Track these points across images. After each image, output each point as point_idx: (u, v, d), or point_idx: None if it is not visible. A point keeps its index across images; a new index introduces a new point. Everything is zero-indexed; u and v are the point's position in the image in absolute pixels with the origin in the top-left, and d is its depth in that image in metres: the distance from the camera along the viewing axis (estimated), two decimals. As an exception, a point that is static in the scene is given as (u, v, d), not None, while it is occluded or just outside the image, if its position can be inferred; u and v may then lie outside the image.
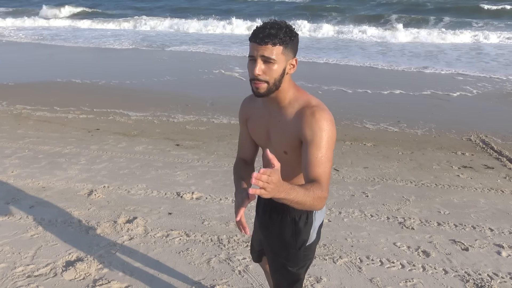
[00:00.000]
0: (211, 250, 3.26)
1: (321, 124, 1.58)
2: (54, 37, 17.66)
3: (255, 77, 1.57)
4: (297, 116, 1.64)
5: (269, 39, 1.52)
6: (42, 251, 3.20)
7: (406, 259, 3.15)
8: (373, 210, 3.93)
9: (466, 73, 10.38)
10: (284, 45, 1.55)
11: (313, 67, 11.31)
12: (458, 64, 11.61)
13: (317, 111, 1.61)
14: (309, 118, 1.59)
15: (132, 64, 12.28)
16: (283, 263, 1.92)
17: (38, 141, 5.81)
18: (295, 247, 1.86)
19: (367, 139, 6.02)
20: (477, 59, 12.35)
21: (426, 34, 16.32)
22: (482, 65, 11.47)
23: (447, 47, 14.59)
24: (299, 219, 1.82)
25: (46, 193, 4.23)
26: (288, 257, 1.90)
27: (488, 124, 6.76)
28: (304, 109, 1.63)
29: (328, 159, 1.59)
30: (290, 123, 1.66)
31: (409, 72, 10.72)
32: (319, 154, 1.57)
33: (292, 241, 1.85)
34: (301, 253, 1.88)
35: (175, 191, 4.31)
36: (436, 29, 17.81)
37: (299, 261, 1.91)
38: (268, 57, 1.54)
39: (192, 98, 8.17)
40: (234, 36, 17.61)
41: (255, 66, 1.55)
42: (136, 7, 29.82)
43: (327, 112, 1.63)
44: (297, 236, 1.84)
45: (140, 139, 5.98)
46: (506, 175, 4.81)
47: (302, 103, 1.66)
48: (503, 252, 3.25)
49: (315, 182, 1.53)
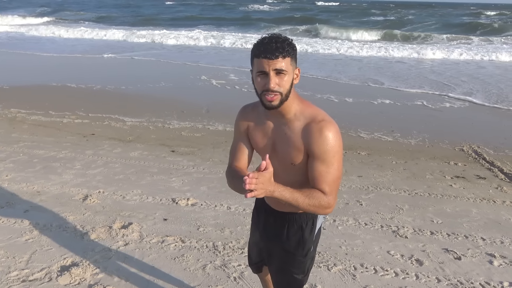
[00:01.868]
0: (207, 256, 3.27)
1: (329, 141, 1.63)
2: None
3: (270, 90, 1.59)
4: (305, 132, 1.66)
5: (279, 53, 1.56)
6: (37, 255, 3.19)
7: (399, 267, 3.18)
8: (367, 219, 3.96)
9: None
10: (291, 56, 1.61)
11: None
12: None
13: (324, 126, 1.64)
14: (317, 134, 1.63)
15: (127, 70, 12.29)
16: (290, 271, 1.95)
17: (33, 145, 5.79)
18: (302, 255, 1.91)
19: (362, 148, 6.08)
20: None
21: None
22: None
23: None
24: (306, 226, 1.87)
25: (41, 197, 4.22)
26: (294, 265, 1.93)
27: (480, 135, 6.85)
28: (311, 125, 1.66)
29: (337, 172, 1.67)
30: (298, 138, 1.68)
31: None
32: (329, 170, 1.64)
33: (299, 249, 1.90)
34: (307, 259, 1.94)
35: (171, 197, 4.31)
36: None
37: (305, 267, 1.96)
38: (280, 69, 1.58)
39: (187, 105, 8.20)
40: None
41: (269, 80, 1.58)
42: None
43: (333, 126, 1.66)
44: (304, 244, 1.89)
45: (135, 145, 5.98)
46: (498, 186, 4.88)
47: (309, 117, 1.68)
48: (494, 261, 3.30)
49: (320, 191, 1.64)
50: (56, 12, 37.67)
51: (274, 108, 1.65)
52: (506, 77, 11.99)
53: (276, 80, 1.59)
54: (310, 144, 1.65)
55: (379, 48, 17.14)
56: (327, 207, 1.64)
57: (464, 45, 19.23)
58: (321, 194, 1.63)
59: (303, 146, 1.68)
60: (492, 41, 20.58)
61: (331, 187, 1.65)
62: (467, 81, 11.15)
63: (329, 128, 1.64)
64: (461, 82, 11.01)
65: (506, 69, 13.54)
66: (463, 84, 10.75)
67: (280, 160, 1.78)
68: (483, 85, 10.67)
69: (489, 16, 39.33)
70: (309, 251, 1.91)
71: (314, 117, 1.67)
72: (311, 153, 1.66)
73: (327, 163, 1.64)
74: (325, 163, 1.64)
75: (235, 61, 13.74)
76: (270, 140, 1.80)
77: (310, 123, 1.66)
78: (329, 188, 1.64)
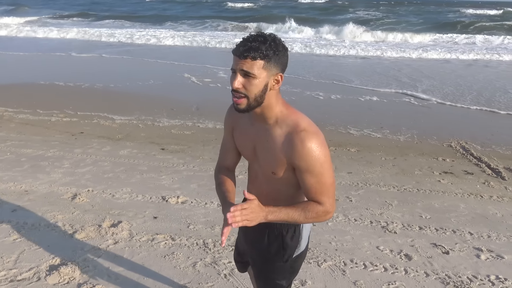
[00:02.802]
0: (197, 254, 3.26)
1: (311, 152, 1.53)
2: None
3: (234, 89, 1.51)
4: (287, 141, 1.56)
5: (248, 53, 1.44)
6: (25, 255, 3.16)
7: (388, 262, 3.21)
8: (357, 215, 3.99)
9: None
10: (266, 60, 1.46)
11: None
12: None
13: (306, 137, 1.52)
14: (299, 147, 1.53)
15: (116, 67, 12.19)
16: (271, 277, 1.89)
17: (21, 144, 5.72)
18: (282, 260, 1.83)
19: (351, 145, 6.11)
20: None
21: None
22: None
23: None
24: (287, 233, 1.79)
25: (29, 196, 4.17)
26: (274, 270, 1.87)
27: (468, 131, 6.93)
28: (293, 135, 1.54)
29: (327, 180, 1.59)
30: (279, 147, 1.59)
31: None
32: (320, 180, 1.58)
33: (278, 255, 1.83)
34: (288, 265, 1.86)
35: (160, 195, 4.30)
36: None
37: (285, 273, 1.89)
38: (247, 72, 1.47)
39: (177, 102, 8.17)
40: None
41: (234, 79, 1.49)
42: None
43: (315, 135, 1.54)
44: (284, 250, 1.81)
45: (124, 143, 5.94)
46: (485, 181, 4.94)
47: (291, 125, 1.57)
48: (482, 255, 3.34)
49: (315, 202, 1.62)
50: (15, 10, 36.04)
51: (242, 112, 1.56)
52: (459, 73, 12.14)
53: (242, 81, 1.49)
54: (292, 157, 1.56)
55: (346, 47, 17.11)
56: (325, 215, 1.63)
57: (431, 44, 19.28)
58: (316, 205, 1.60)
59: (284, 157, 1.59)
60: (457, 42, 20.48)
61: (326, 195, 1.60)
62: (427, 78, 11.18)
63: (311, 138, 1.52)
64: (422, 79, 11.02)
65: (462, 67, 13.70)
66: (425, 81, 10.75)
67: (262, 167, 1.72)
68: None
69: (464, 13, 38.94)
70: (290, 257, 1.83)
71: (296, 125, 1.55)
72: (296, 166, 1.57)
73: (316, 174, 1.56)
74: (313, 174, 1.56)
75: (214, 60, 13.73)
76: (251, 143, 1.72)
77: (292, 133, 1.55)
78: (324, 198, 1.60)
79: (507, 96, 9.29)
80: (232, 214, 1.44)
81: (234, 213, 1.44)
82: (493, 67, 13.62)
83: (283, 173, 1.64)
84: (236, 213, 1.45)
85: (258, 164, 1.73)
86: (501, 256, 3.34)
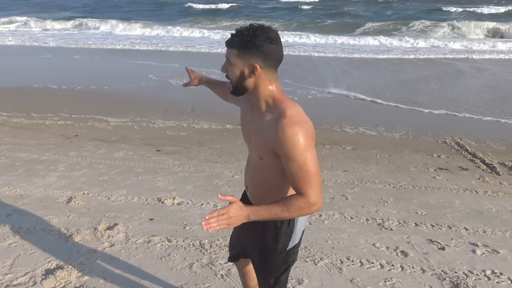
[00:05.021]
0: (193, 255, 3.26)
1: (292, 139, 1.56)
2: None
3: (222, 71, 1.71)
4: (271, 128, 1.61)
5: (229, 42, 1.62)
6: (21, 259, 3.15)
7: (385, 259, 3.22)
8: (353, 212, 4.00)
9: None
10: (239, 49, 1.59)
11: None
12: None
13: (287, 125, 1.56)
14: (280, 133, 1.57)
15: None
16: (265, 268, 1.95)
17: (15, 148, 5.70)
18: (276, 252, 1.87)
19: (346, 143, 6.12)
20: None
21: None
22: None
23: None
24: (281, 225, 1.82)
25: (24, 201, 4.15)
26: (268, 260, 1.91)
27: (463, 127, 6.96)
28: (277, 121, 1.59)
29: (310, 169, 1.58)
30: (266, 133, 1.64)
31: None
32: (302, 168, 1.57)
33: (273, 246, 1.86)
34: (281, 257, 1.89)
35: (156, 196, 4.29)
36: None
37: (279, 265, 1.92)
38: (227, 57, 1.64)
39: (172, 103, 8.15)
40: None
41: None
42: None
43: (298, 124, 1.58)
44: (278, 240, 1.85)
45: (120, 145, 5.93)
46: (480, 176, 4.96)
47: (278, 112, 1.62)
48: (477, 250, 3.36)
49: (298, 193, 1.60)
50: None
51: (232, 94, 1.71)
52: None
53: (225, 66, 1.67)
54: (273, 143, 1.60)
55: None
56: (310, 207, 1.59)
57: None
58: (298, 198, 1.58)
59: (267, 143, 1.64)
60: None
61: (309, 185, 1.58)
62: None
63: (292, 126, 1.56)
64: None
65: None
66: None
67: (253, 151, 1.79)
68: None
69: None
70: (284, 248, 1.86)
71: (282, 114, 1.60)
72: (280, 153, 1.61)
73: (297, 162, 1.57)
74: (295, 162, 1.57)
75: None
76: (247, 128, 1.81)
77: (276, 119, 1.60)
78: (307, 187, 1.58)
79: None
80: (207, 222, 1.46)
81: (209, 220, 1.46)
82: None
83: (268, 159, 1.69)
84: (212, 220, 1.46)
85: (251, 148, 1.81)
86: (497, 250, 3.36)
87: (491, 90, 9.37)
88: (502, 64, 12.72)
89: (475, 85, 9.98)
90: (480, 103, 8.33)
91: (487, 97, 8.75)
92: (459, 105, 8.15)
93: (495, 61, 13.32)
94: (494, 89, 9.50)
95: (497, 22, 21.09)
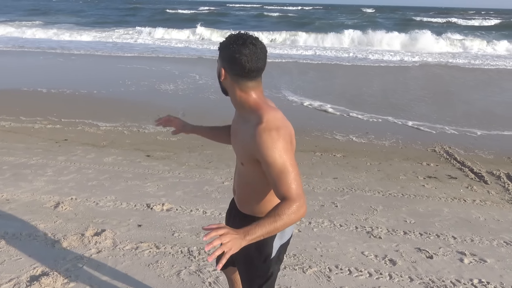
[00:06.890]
0: (181, 262, 3.23)
1: (269, 144, 1.56)
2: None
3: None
4: (249, 134, 1.62)
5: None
6: (5, 266, 3.09)
7: (373, 267, 3.22)
8: (342, 220, 4.00)
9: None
10: (219, 52, 1.70)
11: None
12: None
13: (263, 130, 1.57)
14: (258, 139, 1.57)
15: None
16: (248, 275, 1.94)
17: (2, 152, 5.62)
18: (260, 260, 1.86)
19: (337, 150, 6.14)
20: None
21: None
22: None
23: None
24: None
25: (10, 205, 4.10)
26: (252, 268, 1.90)
27: (452, 136, 7.02)
28: (254, 127, 1.60)
29: (292, 170, 1.56)
30: (245, 139, 1.66)
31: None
32: (277, 172, 1.56)
33: (256, 254, 1.85)
34: (266, 265, 1.88)
35: (145, 202, 4.26)
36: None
37: (263, 273, 1.90)
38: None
39: (163, 108, 8.11)
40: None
41: None
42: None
43: (275, 129, 1.58)
44: (261, 248, 1.82)
45: (109, 150, 5.88)
46: (468, 185, 5.00)
47: (255, 118, 1.63)
48: (465, 259, 3.38)
49: (283, 200, 1.56)
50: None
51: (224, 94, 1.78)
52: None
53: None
54: (253, 149, 1.60)
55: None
56: (297, 211, 1.55)
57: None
58: (283, 205, 1.53)
59: (248, 148, 1.64)
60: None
61: (291, 187, 1.56)
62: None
63: (267, 131, 1.57)
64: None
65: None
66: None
67: (237, 157, 1.81)
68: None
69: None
70: (268, 256, 1.85)
71: (259, 120, 1.61)
72: (259, 158, 1.60)
73: (276, 165, 1.55)
74: (274, 166, 1.56)
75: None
76: (233, 134, 1.84)
77: (254, 126, 1.60)
78: (290, 190, 1.56)
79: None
80: (209, 238, 1.35)
81: (212, 238, 1.35)
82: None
83: (250, 164, 1.70)
84: (212, 233, 1.36)
85: (235, 154, 1.83)
86: (484, 260, 3.38)
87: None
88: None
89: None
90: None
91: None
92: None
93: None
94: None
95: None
